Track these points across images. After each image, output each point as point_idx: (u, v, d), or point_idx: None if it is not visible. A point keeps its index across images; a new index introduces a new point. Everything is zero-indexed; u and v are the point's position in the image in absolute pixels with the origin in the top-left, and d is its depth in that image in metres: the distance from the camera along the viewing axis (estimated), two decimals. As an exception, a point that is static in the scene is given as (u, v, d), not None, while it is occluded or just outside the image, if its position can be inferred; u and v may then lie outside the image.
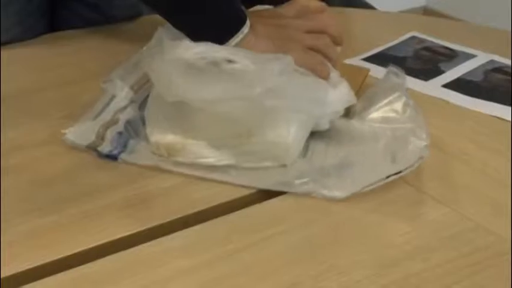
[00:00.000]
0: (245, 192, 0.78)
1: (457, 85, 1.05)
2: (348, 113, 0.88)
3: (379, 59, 1.12)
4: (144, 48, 0.92)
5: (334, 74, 0.87)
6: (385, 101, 0.84)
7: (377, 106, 0.84)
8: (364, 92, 0.90)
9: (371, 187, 0.77)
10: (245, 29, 0.85)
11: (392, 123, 0.82)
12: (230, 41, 0.84)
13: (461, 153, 0.88)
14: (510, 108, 0.99)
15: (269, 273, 0.68)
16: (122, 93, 0.87)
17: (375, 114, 0.84)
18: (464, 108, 0.99)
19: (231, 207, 0.77)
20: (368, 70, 1.00)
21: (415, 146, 0.79)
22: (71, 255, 0.70)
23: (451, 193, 0.81)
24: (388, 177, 0.77)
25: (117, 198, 0.78)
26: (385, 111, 0.84)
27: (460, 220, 0.76)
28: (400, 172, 0.77)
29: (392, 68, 0.90)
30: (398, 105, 0.84)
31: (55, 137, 0.86)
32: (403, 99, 0.84)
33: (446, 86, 1.05)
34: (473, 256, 0.71)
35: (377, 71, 1.05)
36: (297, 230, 0.74)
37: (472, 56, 1.14)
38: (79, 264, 0.69)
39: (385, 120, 0.83)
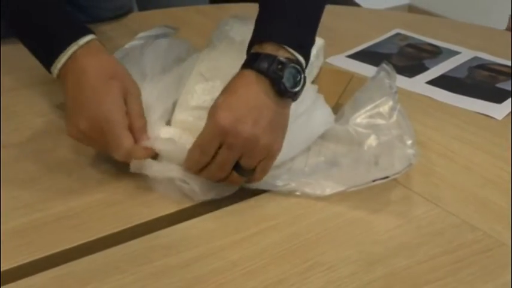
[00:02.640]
0: (230, 190, 0.79)
1: (441, 82, 1.06)
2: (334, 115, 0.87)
3: (364, 55, 1.12)
4: (126, 46, 0.93)
5: (313, 90, 0.86)
6: (372, 105, 0.84)
7: (363, 110, 0.84)
8: (352, 93, 0.89)
9: (356, 188, 0.78)
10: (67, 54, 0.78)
11: (378, 128, 0.82)
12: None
13: (445, 150, 0.89)
14: (494, 104, 0.99)
15: (256, 270, 0.68)
16: None
17: (361, 118, 0.83)
18: (448, 105, 1.00)
19: (217, 205, 0.77)
20: (352, 74, 1.00)
21: (402, 153, 0.79)
22: (56, 253, 0.70)
23: (436, 190, 0.81)
24: (374, 180, 0.78)
25: (103, 195, 0.78)
26: (371, 115, 0.83)
27: (445, 216, 0.77)
28: (387, 177, 0.78)
29: (385, 66, 0.88)
30: (385, 110, 0.83)
31: (39, 135, 0.86)
32: (390, 103, 0.84)
33: (431, 82, 1.06)
34: (457, 252, 0.72)
35: (362, 68, 1.06)
36: (283, 227, 0.74)
37: (456, 53, 1.14)
38: (64, 262, 0.69)
39: (370, 124, 0.82)
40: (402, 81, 1.03)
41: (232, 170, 0.75)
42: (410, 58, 1.13)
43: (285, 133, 0.77)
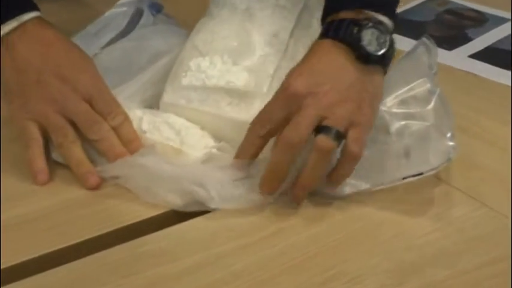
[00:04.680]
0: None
1: (486, 55, 1.05)
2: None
3: (395, 24, 1.11)
4: (106, 14, 0.93)
5: None
6: (405, 88, 0.82)
7: (394, 94, 0.82)
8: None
9: (382, 187, 0.77)
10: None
11: (411, 114, 0.81)
12: None
13: (491, 137, 0.88)
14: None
15: (264, 282, 0.67)
16: None
17: (391, 102, 0.81)
18: (495, 83, 0.99)
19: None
20: None
21: (439, 145, 0.78)
22: (26, 262, 0.69)
23: (481, 185, 0.80)
24: (404, 178, 0.77)
25: (81, 193, 0.78)
26: (404, 100, 0.82)
27: (492, 217, 0.76)
28: (420, 174, 0.76)
29: (425, 41, 0.86)
30: (421, 94, 0.82)
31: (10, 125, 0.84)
32: (428, 86, 0.82)
33: (474, 56, 1.05)
34: (507, 261, 0.70)
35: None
36: (296, 231, 0.73)
37: (505, 21, 1.13)
38: (37, 272, 0.68)
39: (402, 110, 0.81)
40: (440, 55, 0.98)
41: (317, 134, 0.72)
42: (450, 27, 1.13)
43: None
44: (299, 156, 0.73)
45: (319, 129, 0.72)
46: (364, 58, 0.75)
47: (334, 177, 0.75)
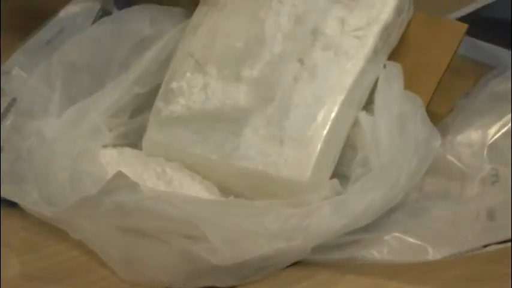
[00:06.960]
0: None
1: None
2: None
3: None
4: (61, 14, 0.90)
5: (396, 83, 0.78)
6: (495, 121, 0.79)
7: (478, 127, 0.79)
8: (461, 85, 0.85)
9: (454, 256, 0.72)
10: None
11: (502, 160, 0.77)
12: None
13: None
14: None
15: None
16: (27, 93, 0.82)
17: (474, 139, 0.79)
18: None
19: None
20: (465, 26, 0.89)
21: None
22: None
23: None
24: (486, 246, 0.72)
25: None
26: (492, 137, 0.78)
27: None
28: (508, 241, 0.72)
29: None
30: None
31: None
32: None
33: None
34: None
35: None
36: None
37: None
38: None
39: (489, 152, 0.78)
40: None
41: None
42: None
43: None
44: None
45: None
46: None
47: None
